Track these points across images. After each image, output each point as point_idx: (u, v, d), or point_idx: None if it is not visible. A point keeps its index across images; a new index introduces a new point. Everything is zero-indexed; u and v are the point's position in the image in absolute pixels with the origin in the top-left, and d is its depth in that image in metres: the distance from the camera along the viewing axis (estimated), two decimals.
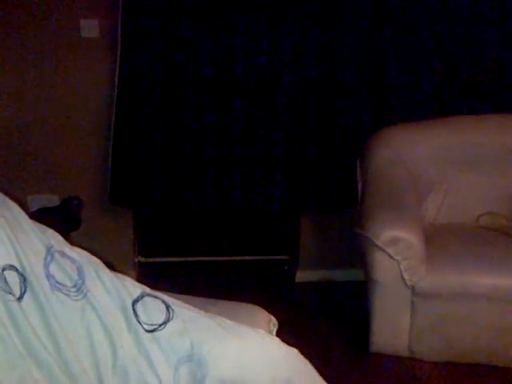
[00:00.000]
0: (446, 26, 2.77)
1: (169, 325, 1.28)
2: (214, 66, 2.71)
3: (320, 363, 1.40)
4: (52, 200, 2.74)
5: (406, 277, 2.25)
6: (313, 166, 2.85)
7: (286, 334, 1.48)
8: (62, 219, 2.50)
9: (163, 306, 1.30)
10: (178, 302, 1.32)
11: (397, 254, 2.23)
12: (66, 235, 1.39)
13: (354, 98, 2.80)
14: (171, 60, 2.68)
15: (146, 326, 1.28)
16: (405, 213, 2.38)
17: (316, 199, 2.88)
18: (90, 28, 2.65)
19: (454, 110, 2.83)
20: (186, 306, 1.32)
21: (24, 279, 1.20)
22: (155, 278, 2.98)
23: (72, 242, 1.37)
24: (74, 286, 1.26)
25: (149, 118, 2.73)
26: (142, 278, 2.90)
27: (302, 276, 3.10)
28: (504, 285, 2.24)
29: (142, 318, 1.28)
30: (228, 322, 1.32)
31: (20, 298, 1.19)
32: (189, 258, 3.29)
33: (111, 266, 1.37)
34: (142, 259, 3.18)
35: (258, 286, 3.05)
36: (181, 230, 3.44)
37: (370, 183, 2.61)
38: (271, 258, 3.32)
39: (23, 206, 1.37)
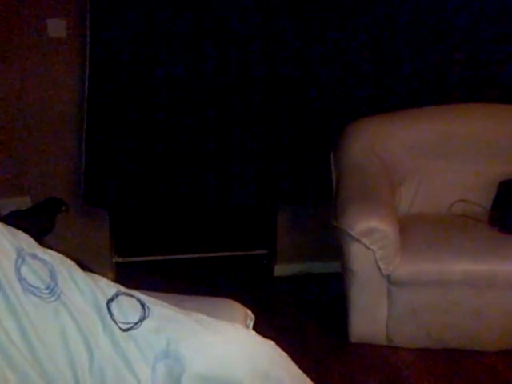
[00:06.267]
0: (417, 18, 2.80)
1: (144, 323, 1.27)
2: (185, 63, 2.70)
3: (300, 355, 1.41)
4: (24, 203, 2.70)
5: (382, 266, 2.27)
6: (287, 160, 2.86)
7: (266, 327, 1.48)
8: (35, 222, 2.47)
9: (138, 304, 1.29)
10: (154, 300, 1.32)
11: (372, 243, 2.26)
12: (38, 238, 1.37)
13: (326, 91, 2.82)
14: (142, 58, 2.66)
15: (121, 325, 1.27)
16: (379, 203, 2.41)
17: (292, 193, 2.89)
18: (56, 28, 2.62)
19: (425, 101, 2.86)
20: (162, 303, 1.32)
21: None
22: (133, 277, 2.96)
23: (46, 245, 1.36)
24: (47, 287, 1.25)
25: (121, 117, 2.70)
26: (119, 278, 2.88)
27: (280, 270, 3.11)
28: (478, 270, 2.28)
29: (117, 316, 1.27)
30: (204, 317, 1.32)
31: None
32: (167, 257, 3.27)
33: (85, 267, 1.36)
34: (120, 259, 3.16)
35: (237, 281, 3.05)
36: (157, 229, 3.42)
37: (344, 175, 2.62)
38: (249, 253, 3.32)
39: None
